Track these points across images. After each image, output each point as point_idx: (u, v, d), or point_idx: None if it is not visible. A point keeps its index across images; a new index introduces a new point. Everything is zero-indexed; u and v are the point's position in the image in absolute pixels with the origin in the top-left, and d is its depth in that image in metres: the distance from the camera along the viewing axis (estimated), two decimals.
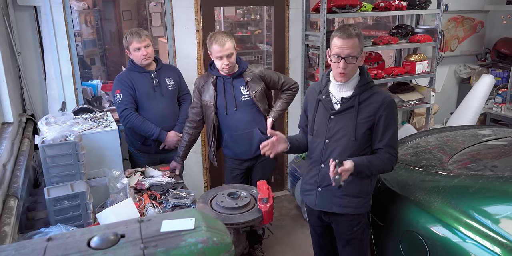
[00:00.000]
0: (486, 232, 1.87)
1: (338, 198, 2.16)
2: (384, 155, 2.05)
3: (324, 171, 2.16)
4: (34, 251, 1.01)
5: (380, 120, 2.03)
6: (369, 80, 2.09)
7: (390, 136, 2.05)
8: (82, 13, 5.59)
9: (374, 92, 2.07)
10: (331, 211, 2.20)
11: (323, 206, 2.22)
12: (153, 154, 3.07)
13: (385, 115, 2.03)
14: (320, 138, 2.16)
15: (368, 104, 2.05)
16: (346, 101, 2.08)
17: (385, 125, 2.04)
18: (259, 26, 6.19)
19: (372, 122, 2.05)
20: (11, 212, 1.85)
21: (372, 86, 2.09)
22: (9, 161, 2.24)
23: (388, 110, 2.03)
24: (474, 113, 4.60)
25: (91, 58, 5.80)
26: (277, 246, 3.48)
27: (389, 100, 2.05)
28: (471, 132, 3.05)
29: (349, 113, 2.07)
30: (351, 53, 1.97)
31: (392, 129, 2.06)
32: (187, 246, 1.04)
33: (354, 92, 2.06)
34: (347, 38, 1.97)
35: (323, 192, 2.20)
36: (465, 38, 5.04)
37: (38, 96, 3.23)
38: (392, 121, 2.05)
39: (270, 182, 3.17)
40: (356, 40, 1.98)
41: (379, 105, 2.03)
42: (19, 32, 3.05)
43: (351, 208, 2.15)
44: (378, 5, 3.89)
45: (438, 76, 4.42)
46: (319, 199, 2.22)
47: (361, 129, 2.04)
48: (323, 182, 2.17)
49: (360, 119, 2.04)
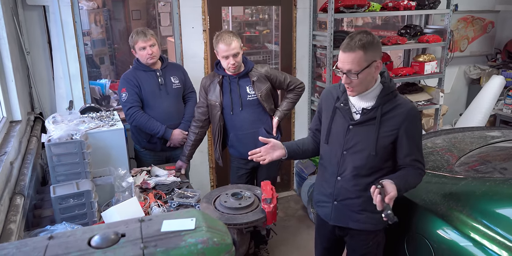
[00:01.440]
0: (493, 236, 1.84)
1: (356, 213, 2.01)
2: (416, 171, 1.91)
3: (340, 185, 2.01)
4: (35, 249, 1.01)
5: (406, 133, 1.86)
6: (392, 89, 1.90)
7: (417, 150, 1.90)
8: (92, 13, 5.64)
9: (398, 103, 1.89)
10: (347, 226, 2.06)
11: (339, 221, 2.08)
12: (158, 151, 3.09)
13: (411, 129, 1.87)
14: (337, 148, 2.00)
15: (391, 116, 1.87)
16: (367, 112, 1.90)
17: (411, 139, 1.87)
18: (267, 26, 6.17)
19: (395, 136, 1.88)
20: (17, 209, 1.86)
21: (396, 95, 1.92)
22: (16, 159, 2.26)
23: (414, 123, 1.88)
24: (483, 114, 4.55)
25: (100, 57, 5.84)
26: (282, 247, 3.47)
27: (415, 113, 1.89)
28: (479, 134, 3.01)
29: (370, 125, 1.89)
30: (352, 69, 1.80)
31: (419, 143, 1.91)
32: (186, 246, 1.04)
33: (376, 103, 1.88)
34: (348, 52, 1.80)
35: (340, 206, 2.04)
36: (475, 39, 4.98)
37: (47, 94, 3.26)
38: (418, 134, 1.91)
39: (276, 182, 3.18)
40: (360, 53, 1.78)
41: (404, 118, 1.86)
42: (28, 32, 3.09)
43: (370, 224, 2.01)
44: (386, 5, 3.86)
45: (447, 76, 4.38)
46: (335, 213, 2.07)
47: (382, 143, 1.88)
48: (339, 195, 2.03)
49: (383, 133, 1.88)
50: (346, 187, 1.99)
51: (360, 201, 1.98)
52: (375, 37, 1.83)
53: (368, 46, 1.79)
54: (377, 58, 1.83)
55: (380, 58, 1.86)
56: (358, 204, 1.99)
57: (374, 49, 1.81)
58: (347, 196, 2.00)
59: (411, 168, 1.90)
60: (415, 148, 1.89)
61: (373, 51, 1.81)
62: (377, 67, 1.85)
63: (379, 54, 1.85)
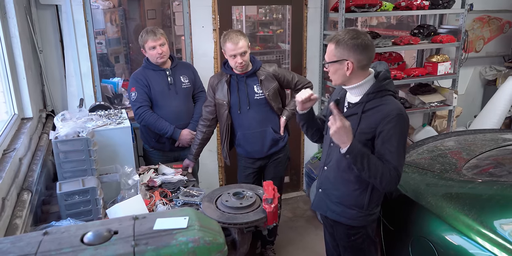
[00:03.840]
0: (499, 241, 1.80)
1: (333, 204, 2.09)
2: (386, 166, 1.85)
3: (325, 175, 2.12)
4: (29, 244, 1.03)
5: (381, 134, 1.85)
6: (381, 89, 1.90)
7: (390, 152, 1.84)
8: (108, 12, 5.71)
9: (383, 103, 1.88)
10: (326, 215, 2.16)
11: (319, 208, 2.19)
12: (167, 151, 3.11)
13: (387, 130, 1.83)
14: (327, 140, 2.09)
15: (371, 114, 1.89)
16: (352, 107, 1.97)
17: (384, 140, 1.84)
18: (281, 25, 6.16)
19: (372, 135, 1.88)
20: (24, 205, 1.90)
21: (384, 95, 1.90)
22: (25, 155, 2.31)
23: (391, 124, 1.83)
24: (498, 116, 4.45)
25: (115, 56, 5.91)
26: (289, 247, 3.46)
27: (396, 114, 1.83)
28: (491, 136, 2.95)
29: (352, 120, 1.91)
30: (325, 58, 1.92)
31: (393, 145, 1.84)
32: (177, 245, 1.05)
33: (361, 99, 1.93)
34: (328, 43, 1.91)
35: (322, 194, 2.15)
36: (491, 39, 4.88)
37: (59, 92, 3.32)
38: (395, 136, 1.84)
39: (283, 182, 3.17)
40: (332, 46, 1.87)
41: (382, 118, 1.84)
42: (41, 30, 3.15)
43: (344, 218, 2.07)
44: (399, 4, 3.81)
45: (461, 77, 4.30)
46: (317, 200, 2.20)
47: (359, 138, 1.88)
48: (323, 184, 2.14)
49: (361, 129, 1.90)
50: (329, 178, 2.09)
51: (338, 193, 2.06)
52: (359, 40, 1.83)
53: (341, 43, 1.84)
54: (350, 58, 1.85)
55: (356, 61, 1.86)
56: (336, 195, 2.06)
57: (348, 49, 1.84)
58: (328, 186, 2.09)
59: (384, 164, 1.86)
60: (387, 150, 1.84)
61: (345, 50, 1.84)
62: (348, 68, 1.87)
63: (354, 57, 1.85)
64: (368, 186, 1.99)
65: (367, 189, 2.00)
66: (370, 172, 1.84)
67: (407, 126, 1.93)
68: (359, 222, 2.05)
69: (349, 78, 1.91)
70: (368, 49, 1.86)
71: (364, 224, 2.06)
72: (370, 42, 1.87)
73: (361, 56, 1.85)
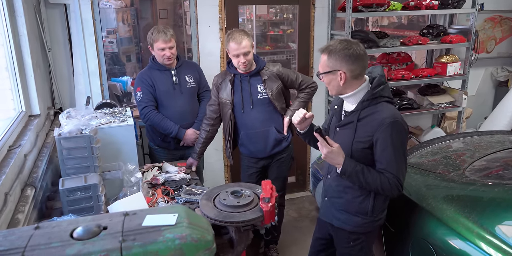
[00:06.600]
0: (498, 244, 1.78)
1: (338, 212, 2.10)
2: (382, 175, 1.87)
3: (329, 183, 2.13)
4: (20, 238, 1.06)
5: (378, 142, 1.86)
6: (375, 96, 1.89)
7: (388, 160, 1.85)
8: (120, 11, 5.77)
9: (378, 110, 1.88)
10: (331, 222, 2.16)
11: (325, 216, 2.20)
12: (172, 150, 3.13)
13: (383, 138, 1.84)
14: None
15: (366, 122, 1.90)
16: (348, 115, 1.97)
17: (382, 148, 1.85)
18: (292, 25, 6.15)
19: (369, 143, 1.89)
20: (27, 200, 1.93)
21: (379, 102, 1.90)
22: (31, 152, 2.35)
23: (386, 132, 1.83)
24: (509, 118, 4.37)
25: (127, 55, 5.96)
26: (293, 247, 3.46)
27: (389, 122, 1.83)
28: (498, 138, 2.91)
29: (349, 128, 1.95)
30: (320, 70, 1.93)
31: (390, 153, 1.85)
32: (164, 241, 1.06)
33: (356, 107, 1.93)
34: (321, 53, 1.93)
35: (328, 202, 2.17)
36: (503, 39, 4.79)
37: (67, 90, 3.37)
38: (393, 144, 1.84)
39: (286, 182, 3.17)
40: (325, 57, 1.89)
41: (377, 126, 1.85)
42: (50, 29, 3.20)
43: (349, 226, 2.07)
44: (408, 4, 3.77)
45: (472, 78, 4.24)
46: (324, 208, 2.22)
47: (357, 147, 1.91)
48: (328, 193, 2.15)
49: (358, 137, 1.91)
50: (332, 186, 2.10)
51: (342, 201, 2.06)
52: (351, 50, 1.84)
53: (333, 54, 1.86)
54: (342, 68, 1.86)
55: (348, 71, 1.86)
56: (340, 203, 2.08)
57: (340, 59, 1.85)
58: (332, 194, 2.11)
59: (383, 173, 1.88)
60: (385, 158, 1.85)
61: (337, 61, 1.85)
62: (341, 78, 1.87)
63: (346, 67, 1.86)
64: (371, 193, 1.99)
65: (370, 196, 2.00)
66: (369, 185, 1.89)
67: (404, 131, 1.90)
68: (363, 228, 2.06)
69: (344, 88, 1.91)
70: (360, 59, 1.86)
71: (368, 230, 2.07)
72: (363, 51, 1.88)
73: (353, 66, 1.86)
